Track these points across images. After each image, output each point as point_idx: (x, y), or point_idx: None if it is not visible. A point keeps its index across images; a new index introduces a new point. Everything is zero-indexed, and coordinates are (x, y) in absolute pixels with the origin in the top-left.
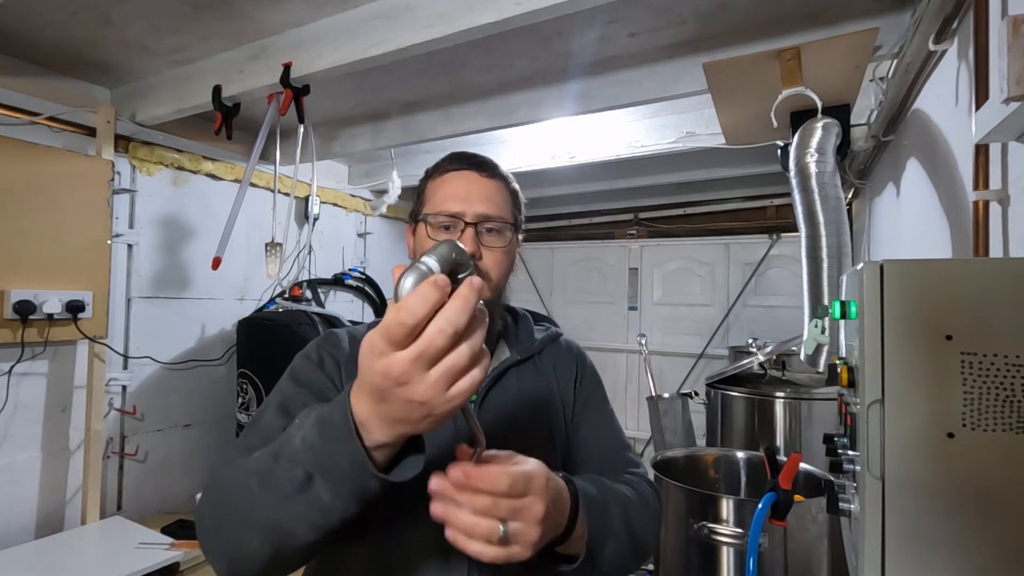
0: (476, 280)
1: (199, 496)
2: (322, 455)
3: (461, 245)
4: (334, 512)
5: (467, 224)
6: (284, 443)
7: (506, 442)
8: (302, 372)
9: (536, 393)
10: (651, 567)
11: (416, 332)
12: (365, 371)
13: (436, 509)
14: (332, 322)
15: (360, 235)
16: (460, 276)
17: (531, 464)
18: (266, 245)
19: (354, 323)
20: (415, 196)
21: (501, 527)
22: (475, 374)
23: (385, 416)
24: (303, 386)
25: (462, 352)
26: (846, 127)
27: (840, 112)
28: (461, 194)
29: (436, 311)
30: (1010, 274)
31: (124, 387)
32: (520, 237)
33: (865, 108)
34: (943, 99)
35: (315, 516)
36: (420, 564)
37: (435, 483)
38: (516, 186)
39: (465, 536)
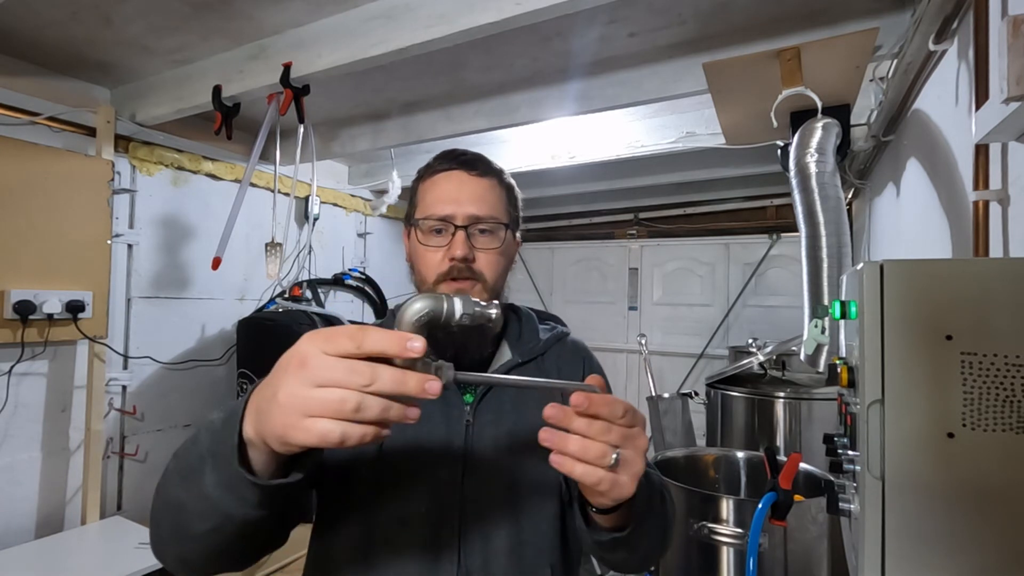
0: (435, 386)
1: None
2: (215, 439)
3: (439, 296)
4: (211, 501)
5: (457, 227)
6: (202, 423)
7: (502, 448)
8: None
9: (536, 396)
10: (651, 567)
11: (351, 355)
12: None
13: (544, 434)
14: (332, 322)
15: (360, 235)
16: (455, 323)
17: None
18: (266, 245)
19: (354, 323)
20: (409, 199)
21: (614, 453)
22: (333, 432)
23: (258, 396)
24: None
25: (348, 401)
26: (846, 127)
27: (840, 112)
28: (451, 195)
29: (380, 360)
30: (1010, 274)
31: (124, 387)
32: (518, 235)
33: (865, 108)
34: (943, 99)
35: (198, 502)
36: (410, 566)
37: (550, 409)
38: (511, 181)
39: (573, 459)
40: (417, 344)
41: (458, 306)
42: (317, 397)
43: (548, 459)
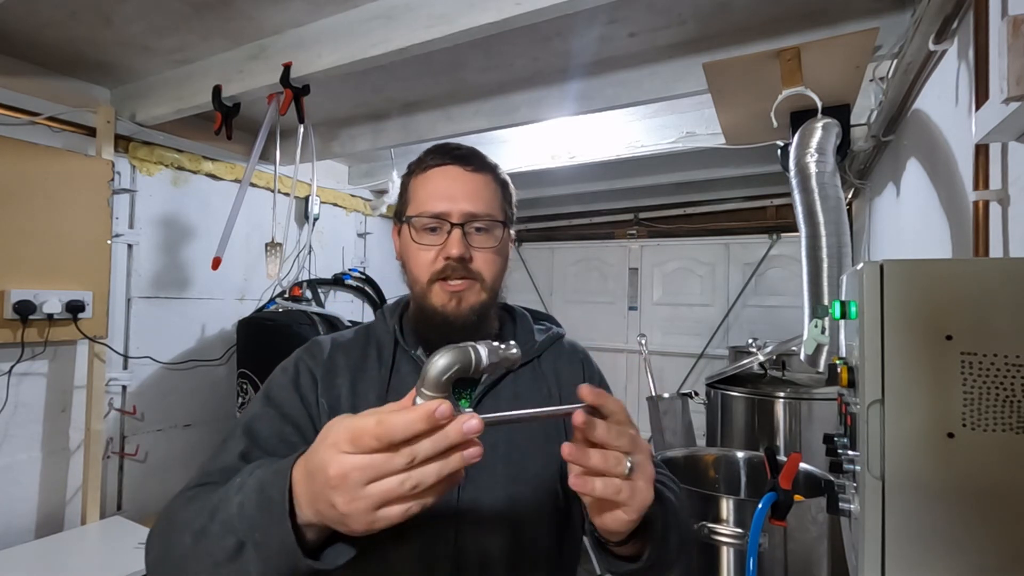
0: (474, 424)
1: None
2: (257, 529)
3: (463, 347)
4: None
5: (453, 225)
6: (223, 501)
7: (500, 452)
8: (275, 389)
9: (534, 400)
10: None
11: (382, 449)
12: (314, 447)
13: (567, 449)
14: (332, 322)
15: (360, 235)
16: (477, 375)
17: None
18: (266, 245)
19: (353, 323)
20: (399, 194)
21: (628, 460)
22: (412, 507)
23: (310, 497)
24: (272, 406)
25: (406, 482)
26: (846, 127)
27: (840, 112)
28: (445, 192)
29: (415, 438)
30: (1010, 274)
31: (124, 387)
32: (513, 232)
33: (865, 108)
34: (943, 99)
35: None
36: None
37: (567, 449)
38: (505, 177)
39: (591, 476)
40: (444, 409)
41: (484, 354)
42: (376, 493)
43: (548, 471)
